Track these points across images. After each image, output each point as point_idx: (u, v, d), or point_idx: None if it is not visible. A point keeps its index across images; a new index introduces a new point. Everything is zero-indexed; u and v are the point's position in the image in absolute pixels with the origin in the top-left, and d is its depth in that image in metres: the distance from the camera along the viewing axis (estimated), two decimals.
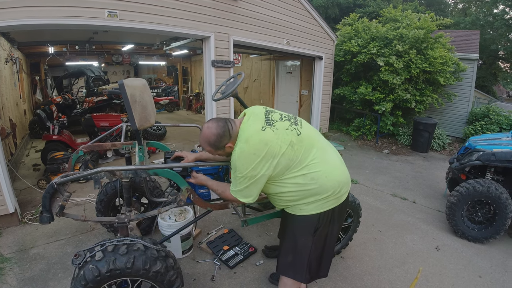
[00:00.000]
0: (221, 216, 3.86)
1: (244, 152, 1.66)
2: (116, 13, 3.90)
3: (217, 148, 1.77)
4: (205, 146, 1.79)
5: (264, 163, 1.66)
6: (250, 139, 1.68)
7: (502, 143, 3.83)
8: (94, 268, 1.68)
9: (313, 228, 1.81)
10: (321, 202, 1.78)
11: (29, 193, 4.37)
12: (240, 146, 1.69)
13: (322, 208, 1.79)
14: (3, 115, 5.26)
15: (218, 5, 5.06)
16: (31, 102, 9.66)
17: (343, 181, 1.84)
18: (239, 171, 1.69)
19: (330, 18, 17.88)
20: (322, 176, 1.74)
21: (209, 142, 1.76)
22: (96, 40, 7.97)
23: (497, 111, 7.92)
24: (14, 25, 3.28)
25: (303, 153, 1.73)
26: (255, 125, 1.73)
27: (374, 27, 8.15)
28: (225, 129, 1.73)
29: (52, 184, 1.81)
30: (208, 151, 1.84)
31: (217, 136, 1.73)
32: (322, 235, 1.85)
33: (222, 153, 1.83)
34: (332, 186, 1.76)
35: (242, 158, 1.67)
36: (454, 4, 25.08)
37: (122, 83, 2.12)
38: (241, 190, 1.76)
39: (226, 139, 1.75)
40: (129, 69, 15.27)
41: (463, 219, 3.53)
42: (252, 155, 1.65)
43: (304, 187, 1.74)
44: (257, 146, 1.65)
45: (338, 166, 1.86)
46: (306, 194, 1.77)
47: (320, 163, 1.76)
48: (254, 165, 1.65)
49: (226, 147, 1.77)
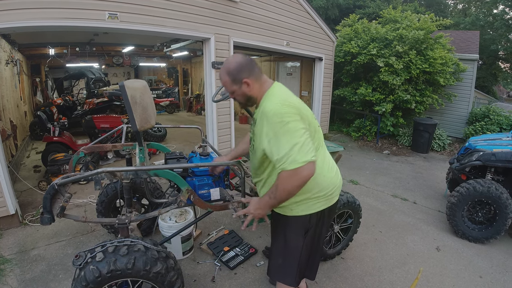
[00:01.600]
0: (221, 217, 3.86)
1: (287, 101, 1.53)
2: (117, 15, 3.91)
3: (234, 79, 1.63)
4: (223, 75, 1.66)
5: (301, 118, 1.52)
6: (291, 98, 1.60)
7: (502, 143, 3.83)
8: (94, 269, 1.69)
9: (304, 229, 1.77)
10: (312, 202, 1.72)
11: (30, 194, 4.37)
12: (280, 98, 1.56)
13: (312, 209, 1.73)
14: (4, 116, 5.27)
15: (218, 6, 5.07)
16: (32, 104, 9.67)
17: (337, 184, 1.82)
18: (283, 116, 1.46)
19: (330, 19, 17.91)
20: (320, 174, 1.69)
21: (228, 70, 1.63)
22: (96, 42, 7.99)
23: (497, 111, 7.93)
24: (14, 27, 3.29)
25: (316, 143, 1.69)
26: (285, 89, 1.71)
27: (374, 28, 8.17)
28: (250, 64, 1.63)
29: (53, 185, 1.82)
30: (224, 83, 1.68)
31: (238, 64, 1.61)
32: (312, 237, 1.81)
33: (237, 91, 1.67)
34: (327, 186, 1.74)
35: (284, 107, 1.49)
36: (454, 4, 25.09)
37: (123, 85, 2.13)
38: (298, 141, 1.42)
39: (247, 73, 1.61)
40: (130, 70, 15.29)
41: (464, 219, 3.53)
42: (293, 108, 1.51)
43: None
44: (294, 103, 1.56)
45: (334, 168, 1.85)
46: (314, 183, 1.68)
47: (321, 162, 1.73)
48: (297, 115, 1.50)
49: (244, 82, 1.62)
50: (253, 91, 1.66)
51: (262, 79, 1.68)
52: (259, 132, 1.59)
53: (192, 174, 2.35)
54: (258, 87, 1.67)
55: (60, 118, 6.77)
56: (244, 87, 1.64)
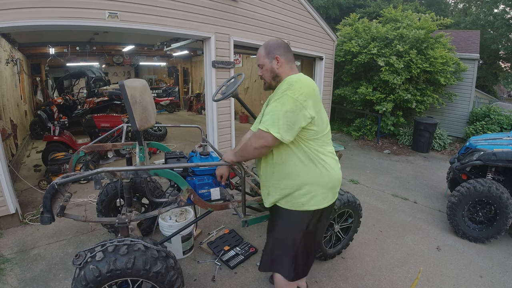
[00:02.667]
0: (221, 216, 3.86)
1: (307, 81, 1.69)
2: (117, 14, 3.90)
3: (268, 52, 1.81)
4: (260, 49, 1.85)
5: (314, 105, 1.66)
6: (312, 81, 1.74)
7: (503, 143, 3.83)
8: (94, 268, 1.69)
9: (306, 223, 1.82)
10: (321, 197, 1.78)
11: (30, 193, 4.38)
12: (304, 77, 1.72)
13: (321, 203, 1.80)
14: (4, 116, 5.27)
15: (218, 5, 5.06)
16: (32, 103, 9.68)
17: (340, 180, 1.90)
18: (291, 90, 1.62)
19: (331, 19, 17.89)
20: (329, 167, 1.79)
21: (266, 44, 1.84)
22: (96, 41, 7.98)
23: (498, 111, 7.92)
24: (14, 26, 3.28)
25: (326, 137, 1.81)
26: None
27: (374, 27, 8.15)
28: (288, 48, 1.84)
29: (53, 184, 1.81)
30: (258, 55, 1.87)
31: (277, 43, 1.82)
32: (312, 231, 1.86)
33: (267, 65, 1.83)
34: (335, 180, 1.82)
35: (303, 83, 1.65)
36: (454, 4, 25.05)
37: (123, 84, 2.13)
38: (280, 117, 1.59)
39: (281, 52, 1.80)
40: (130, 70, 15.29)
41: (464, 219, 3.53)
42: (312, 90, 1.67)
43: (311, 166, 1.75)
44: (316, 89, 1.70)
45: (339, 166, 1.91)
46: (308, 178, 1.75)
47: (330, 157, 1.82)
48: (308, 97, 1.63)
49: (274, 59, 1.79)
50: (281, 69, 1.81)
51: (293, 66, 1.85)
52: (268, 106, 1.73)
53: (192, 174, 2.35)
54: (287, 69, 1.82)
55: (61, 117, 6.76)
56: (274, 63, 1.80)
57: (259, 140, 1.66)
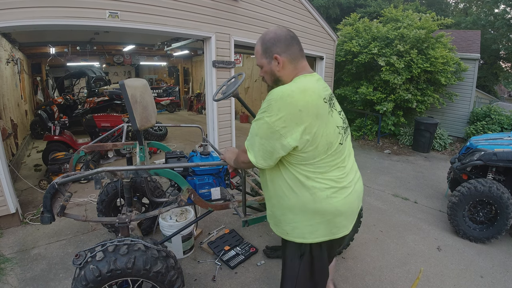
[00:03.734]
0: (222, 216, 3.86)
1: (293, 99, 1.29)
2: (117, 13, 3.90)
3: (265, 50, 1.45)
4: (257, 44, 1.50)
5: (300, 129, 1.30)
6: (308, 92, 1.33)
7: (504, 143, 3.82)
8: (95, 268, 1.68)
9: (299, 252, 1.57)
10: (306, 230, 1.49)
11: (30, 193, 4.38)
12: (292, 90, 1.31)
13: (307, 237, 1.50)
14: (4, 115, 5.27)
15: (218, 5, 5.06)
16: (33, 103, 9.69)
17: (342, 211, 1.49)
18: (268, 112, 1.31)
19: (331, 18, 17.90)
20: (320, 196, 1.43)
21: (263, 39, 1.46)
22: (97, 41, 7.98)
23: (499, 111, 7.91)
24: (15, 25, 3.28)
25: (327, 163, 1.42)
26: (319, 87, 1.40)
27: (375, 27, 8.14)
28: (291, 41, 1.43)
29: (53, 184, 1.81)
30: (255, 52, 1.53)
31: (275, 36, 1.42)
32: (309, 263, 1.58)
33: (266, 66, 1.49)
34: (326, 211, 1.45)
35: (284, 103, 1.29)
36: (455, 4, 25.04)
37: (123, 84, 2.13)
38: (255, 142, 1.39)
39: (282, 48, 1.41)
40: (130, 69, 15.30)
41: (465, 219, 3.52)
42: (298, 111, 1.29)
43: (299, 191, 1.44)
44: (309, 106, 1.31)
45: (347, 194, 1.50)
46: (290, 204, 1.48)
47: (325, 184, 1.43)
48: (290, 122, 1.29)
49: (273, 58, 1.43)
50: (283, 72, 1.45)
51: (299, 64, 1.46)
52: None
53: (192, 173, 2.35)
54: (290, 70, 1.45)
55: (61, 117, 6.77)
56: (274, 64, 1.45)
57: (243, 155, 1.53)
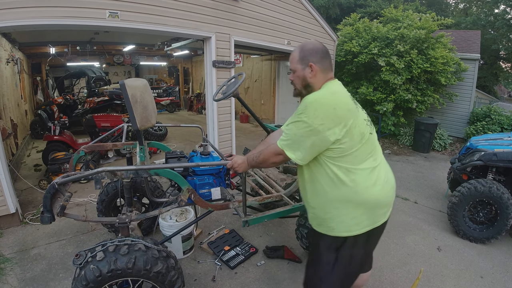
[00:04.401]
0: (222, 216, 3.86)
1: (326, 100, 1.50)
2: (117, 13, 3.90)
3: (302, 57, 1.61)
4: (295, 51, 1.66)
5: (338, 124, 1.47)
6: (338, 94, 1.56)
7: (504, 143, 3.82)
8: (95, 268, 1.68)
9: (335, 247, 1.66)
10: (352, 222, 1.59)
11: (30, 193, 4.38)
12: (324, 93, 1.55)
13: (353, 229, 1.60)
14: (4, 115, 5.27)
15: (219, 5, 5.06)
16: (32, 103, 9.69)
17: (381, 201, 1.63)
18: (305, 114, 1.48)
19: (331, 18, 17.90)
20: (360, 186, 1.56)
21: (302, 47, 1.64)
22: (97, 41, 7.98)
23: (499, 111, 7.90)
24: (15, 25, 3.28)
25: (362, 152, 1.56)
26: (345, 90, 1.64)
27: (375, 27, 8.14)
28: (325, 54, 1.63)
29: (53, 184, 1.81)
30: (291, 58, 1.67)
31: (314, 48, 1.62)
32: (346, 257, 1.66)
33: (299, 71, 1.64)
34: (366, 200, 1.58)
35: (320, 104, 1.48)
36: (455, 4, 25.05)
37: (123, 83, 2.13)
38: (296, 140, 1.53)
39: (317, 59, 1.60)
40: (130, 69, 15.30)
41: (465, 219, 3.52)
42: (332, 109, 1.47)
43: (340, 185, 1.55)
44: (341, 104, 1.51)
45: (382, 183, 1.64)
46: (338, 196, 1.58)
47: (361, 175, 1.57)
48: (327, 119, 1.46)
49: (308, 66, 1.60)
50: (314, 79, 1.63)
51: (328, 75, 1.65)
52: None
53: (193, 173, 2.34)
54: (320, 79, 1.63)
55: (61, 117, 6.76)
56: (307, 71, 1.62)
57: (278, 156, 1.62)
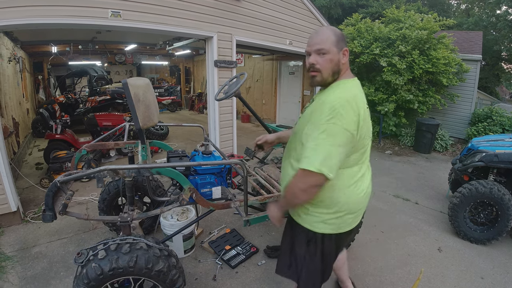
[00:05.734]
0: (223, 215, 3.86)
1: (353, 104, 1.39)
2: (120, 13, 3.91)
3: (338, 41, 1.47)
4: (327, 32, 1.49)
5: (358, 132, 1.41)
6: (358, 97, 1.46)
7: (505, 144, 3.82)
8: (96, 266, 1.69)
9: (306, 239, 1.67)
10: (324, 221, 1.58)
11: (32, 191, 4.39)
12: (349, 97, 1.41)
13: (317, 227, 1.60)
14: (6, 114, 5.28)
15: (221, 5, 5.07)
16: (34, 101, 9.70)
17: (364, 204, 1.68)
18: (338, 118, 1.34)
19: (333, 19, 17.90)
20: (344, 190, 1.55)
21: (335, 31, 1.49)
22: (99, 40, 7.99)
23: (500, 112, 7.89)
24: (17, 24, 3.29)
25: (363, 154, 1.56)
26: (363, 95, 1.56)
27: (377, 28, 8.13)
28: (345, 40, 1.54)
29: (55, 182, 1.82)
30: (324, 39, 1.47)
31: (342, 34, 1.51)
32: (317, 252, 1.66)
33: (333, 55, 1.47)
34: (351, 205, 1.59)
35: (350, 107, 1.37)
36: (457, 4, 25.00)
37: (126, 82, 2.13)
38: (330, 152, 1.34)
39: (346, 44, 1.52)
40: (132, 69, 15.31)
41: (466, 220, 3.52)
42: (359, 110, 1.40)
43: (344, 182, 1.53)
44: (360, 109, 1.42)
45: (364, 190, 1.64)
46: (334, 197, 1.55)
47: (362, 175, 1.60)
48: (357, 125, 1.38)
49: (342, 52, 1.49)
50: (344, 66, 1.52)
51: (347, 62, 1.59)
52: (307, 114, 1.54)
53: (194, 173, 2.35)
54: (347, 68, 1.56)
55: (63, 115, 6.79)
56: (341, 55, 1.49)
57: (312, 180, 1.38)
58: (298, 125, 1.63)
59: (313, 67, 1.51)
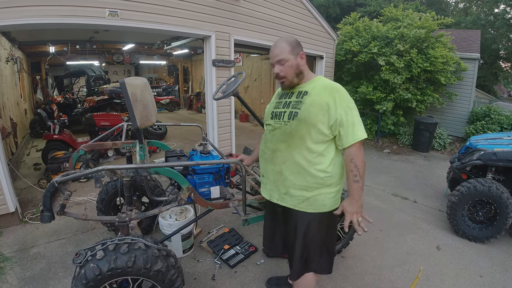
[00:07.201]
0: (221, 215, 3.86)
1: (341, 88, 1.74)
2: (117, 12, 3.90)
3: (293, 49, 1.74)
4: (282, 44, 1.74)
5: None
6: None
7: (503, 142, 3.82)
8: (95, 267, 1.68)
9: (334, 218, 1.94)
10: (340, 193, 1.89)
11: (30, 192, 4.37)
12: (332, 83, 1.76)
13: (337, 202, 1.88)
14: (4, 114, 5.26)
15: (219, 4, 5.05)
16: (32, 102, 9.67)
17: None
18: (348, 98, 1.71)
19: (331, 17, 17.88)
20: None
21: (288, 40, 1.76)
22: (96, 40, 7.99)
23: (498, 111, 7.91)
24: (15, 24, 3.27)
25: None
26: None
27: (375, 27, 8.13)
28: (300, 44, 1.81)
29: (53, 183, 1.81)
30: (281, 50, 1.74)
31: (297, 41, 1.79)
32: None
33: (292, 61, 1.74)
34: None
35: (343, 90, 1.72)
36: (455, 3, 25.02)
37: (123, 82, 2.12)
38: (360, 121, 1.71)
39: (301, 49, 1.78)
40: (130, 68, 15.29)
41: (464, 218, 3.53)
42: None
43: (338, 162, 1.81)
44: None
45: None
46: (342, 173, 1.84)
47: None
48: None
49: (299, 56, 1.76)
50: (304, 67, 1.80)
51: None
52: (316, 102, 1.69)
53: (192, 172, 2.34)
54: (307, 67, 1.84)
55: (60, 116, 6.75)
56: (299, 59, 1.76)
57: (362, 149, 1.72)
58: (305, 113, 1.70)
59: (279, 76, 1.78)
